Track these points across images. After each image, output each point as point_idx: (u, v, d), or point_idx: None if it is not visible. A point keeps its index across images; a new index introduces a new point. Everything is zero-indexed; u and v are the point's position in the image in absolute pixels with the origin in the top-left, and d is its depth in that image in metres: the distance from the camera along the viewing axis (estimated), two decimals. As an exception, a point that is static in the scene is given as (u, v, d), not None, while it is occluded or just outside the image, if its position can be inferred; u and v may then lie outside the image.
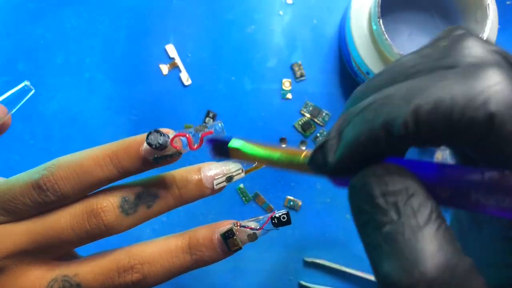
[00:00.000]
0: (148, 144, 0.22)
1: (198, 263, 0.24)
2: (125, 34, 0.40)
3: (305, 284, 0.39)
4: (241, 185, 0.40)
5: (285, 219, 0.25)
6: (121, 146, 0.23)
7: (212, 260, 0.24)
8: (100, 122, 0.40)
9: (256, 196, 0.39)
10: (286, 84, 0.40)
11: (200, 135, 0.22)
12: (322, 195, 0.40)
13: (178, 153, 0.23)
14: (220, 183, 0.24)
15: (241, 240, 0.24)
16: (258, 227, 0.24)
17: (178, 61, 0.40)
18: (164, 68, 0.40)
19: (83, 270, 0.23)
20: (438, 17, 0.37)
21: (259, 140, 0.21)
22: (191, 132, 0.23)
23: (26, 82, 0.25)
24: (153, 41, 0.40)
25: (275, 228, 0.24)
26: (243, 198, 0.40)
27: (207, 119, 0.40)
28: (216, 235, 0.24)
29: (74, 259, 0.25)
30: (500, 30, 0.35)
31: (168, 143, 0.22)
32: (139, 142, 0.23)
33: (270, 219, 0.24)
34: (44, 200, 0.23)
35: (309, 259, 0.39)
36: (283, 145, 0.22)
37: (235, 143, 0.22)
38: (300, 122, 0.40)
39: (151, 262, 0.24)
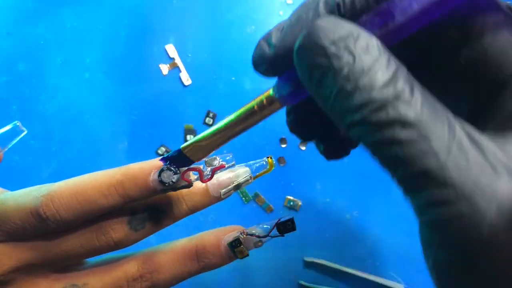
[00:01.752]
0: (161, 182, 0.21)
1: (205, 269, 0.24)
2: (125, 34, 0.40)
3: (305, 284, 0.39)
4: (241, 185, 0.40)
5: (290, 226, 0.24)
6: (127, 175, 0.22)
7: (218, 266, 0.25)
8: (100, 122, 0.40)
9: (256, 196, 0.40)
10: (286, 84, 0.40)
11: (212, 171, 0.22)
12: (322, 195, 0.40)
13: (189, 186, 0.22)
14: (227, 192, 0.24)
15: (247, 248, 0.24)
16: (263, 234, 0.24)
17: (178, 61, 0.40)
18: (164, 68, 0.40)
19: (93, 279, 0.23)
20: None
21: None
22: (203, 167, 0.22)
23: (17, 123, 0.24)
24: (153, 41, 0.40)
25: (281, 235, 0.24)
26: (243, 198, 0.40)
27: (207, 119, 0.40)
28: (223, 244, 0.24)
29: (82, 267, 0.25)
30: (500, 30, 0.35)
31: (180, 179, 0.22)
32: (146, 171, 0.22)
33: (276, 226, 0.24)
34: (44, 228, 0.22)
35: (309, 259, 0.39)
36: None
37: (183, 145, 0.22)
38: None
39: (160, 270, 0.24)
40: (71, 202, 0.22)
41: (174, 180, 0.21)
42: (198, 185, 0.24)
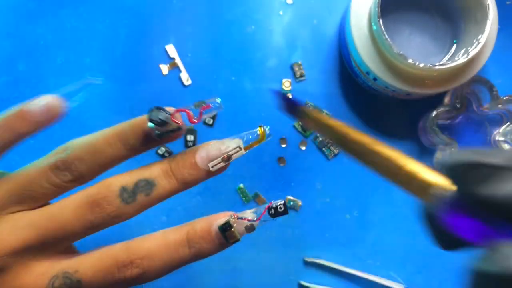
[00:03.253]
0: (150, 120, 0.23)
1: (197, 256, 0.24)
2: (125, 34, 0.40)
3: (305, 284, 0.39)
4: (241, 185, 0.40)
5: (282, 209, 0.24)
6: (127, 125, 0.24)
7: (210, 253, 0.24)
8: (100, 122, 0.40)
9: (256, 196, 0.40)
10: (286, 84, 0.40)
11: (199, 110, 0.23)
12: (322, 195, 0.40)
13: (179, 128, 0.23)
14: (216, 164, 0.24)
15: (239, 232, 0.24)
16: (255, 218, 0.24)
17: (178, 61, 0.40)
18: (164, 68, 0.40)
19: (83, 266, 0.24)
20: (438, 17, 0.37)
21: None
22: (190, 108, 0.23)
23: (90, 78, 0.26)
24: (153, 41, 0.40)
25: (272, 218, 0.24)
26: (243, 198, 0.40)
27: (208, 119, 0.40)
28: (214, 228, 0.24)
29: (74, 255, 0.25)
30: (500, 30, 0.35)
31: (169, 119, 0.23)
32: (144, 120, 0.24)
33: (267, 210, 0.24)
34: (61, 180, 0.24)
35: (309, 259, 0.39)
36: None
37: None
38: (300, 122, 0.40)
39: (150, 256, 0.24)
40: (83, 153, 0.24)
41: (161, 118, 0.22)
42: (187, 160, 0.24)
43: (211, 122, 0.40)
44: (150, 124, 0.23)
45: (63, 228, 0.23)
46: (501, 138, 0.38)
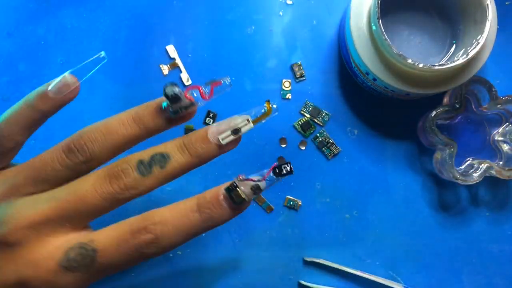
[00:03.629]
0: (165, 95, 0.24)
1: (208, 222, 0.25)
2: (126, 35, 0.41)
3: (305, 284, 0.39)
4: (241, 185, 0.40)
5: (287, 169, 0.25)
6: (142, 107, 0.25)
7: (220, 218, 0.25)
8: (101, 122, 0.40)
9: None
10: (286, 84, 0.40)
11: (210, 87, 0.24)
12: (322, 195, 0.40)
13: (192, 104, 0.25)
14: (226, 137, 0.25)
15: (245, 193, 0.25)
16: (259, 178, 0.25)
17: (178, 61, 0.40)
18: (165, 69, 0.40)
19: (98, 236, 0.25)
20: (438, 17, 0.37)
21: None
22: (202, 86, 0.25)
23: (102, 53, 0.28)
24: (153, 41, 0.40)
25: (277, 178, 0.25)
26: (243, 198, 0.40)
27: (208, 119, 0.40)
28: (221, 191, 0.25)
29: (91, 230, 0.26)
30: (499, 31, 0.35)
31: (183, 94, 0.24)
32: (158, 101, 0.25)
33: (272, 170, 0.25)
34: (73, 161, 0.24)
35: (309, 259, 0.39)
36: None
37: None
38: (300, 122, 0.40)
39: (163, 222, 0.24)
40: (96, 135, 0.24)
41: (175, 92, 0.23)
42: (198, 134, 0.25)
43: (211, 122, 0.40)
44: (164, 103, 0.24)
45: (83, 200, 0.24)
46: (500, 138, 0.38)
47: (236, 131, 0.25)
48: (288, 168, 0.25)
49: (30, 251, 0.24)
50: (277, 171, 0.24)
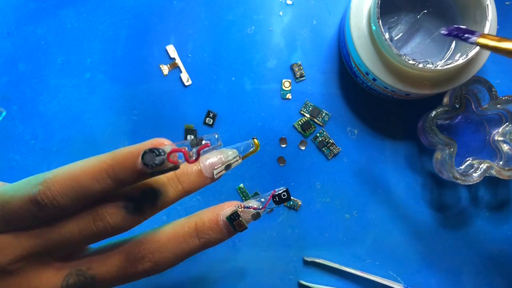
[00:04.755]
0: (144, 164, 0.21)
1: (206, 245, 0.25)
2: (126, 35, 0.41)
3: (305, 284, 0.39)
4: (241, 185, 0.40)
5: (285, 197, 0.25)
6: (116, 159, 0.22)
7: (219, 241, 0.25)
8: (101, 122, 0.40)
9: (256, 195, 0.40)
10: (286, 84, 0.40)
11: (197, 149, 0.22)
12: (322, 195, 0.40)
13: (175, 168, 0.22)
14: (219, 172, 0.25)
15: (246, 221, 0.25)
16: (260, 207, 0.25)
17: (178, 61, 0.40)
18: (165, 69, 0.40)
19: (96, 264, 0.24)
20: (437, 17, 0.37)
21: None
22: (187, 146, 0.22)
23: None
24: (153, 41, 0.40)
25: (277, 205, 0.25)
26: (243, 198, 0.40)
27: (208, 119, 0.40)
28: (222, 218, 0.25)
29: (85, 252, 0.26)
30: (499, 31, 0.35)
31: (165, 160, 0.21)
32: (134, 155, 0.22)
33: (271, 198, 0.25)
34: (44, 214, 0.23)
35: (309, 259, 0.39)
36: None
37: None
38: (300, 122, 0.40)
39: (161, 250, 0.24)
40: (66, 188, 0.22)
41: (156, 162, 0.21)
42: (192, 167, 0.24)
43: (211, 122, 0.40)
44: (143, 164, 0.21)
45: (68, 239, 0.23)
46: (500, 138, 0.38)
47: (228, 166, 0.25)
48: (286, 196, 0.25)
49: (28, 280, 0.24)
50: (277, 199, 0.25)
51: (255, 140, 0.26)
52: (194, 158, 0.22)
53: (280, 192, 0.25)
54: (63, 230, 0.23)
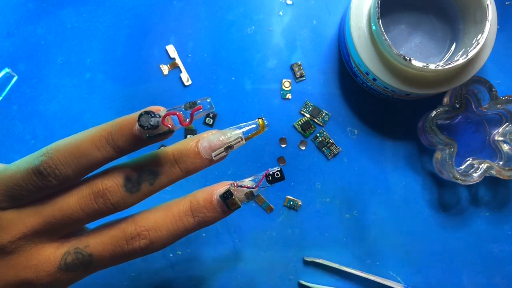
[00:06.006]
0: (140, 126, 0.22)
1: (201, 224, 0.25)
2: (126, 35, 0.41)
3: (305, 284, 0.39)
4: (241, 185, 0.40)
5: (278, 176, 0.25)
6: (115, 126, 0.24)
7: (214, 220, 0.25)
8: (101, 122, 0.40)
9: (256, 195, 0.40)
10: (286, 84, 0.40)
11: (190, 112, 0.23)
12: (322, 195, 0.40)
13: (170, 131, 0.23)
14: (218, 154, 0.25)
15: (239, 199, 0.25)
16: (254, 186, 0.25)
17: (178, 61, 0.40)
18: (165, 69, 0.40)
19: (93, 241, 0.25)
20: (438, 17, 0.37)
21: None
22: (181, 110, 0.23)
23: (7, 69, 0.26)
24: (153, 41, 0.40)
25: (270, 185, 0.25)
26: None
27: (207, 119, 0.40)
28: (215, 197, 0.25)
29: (83, 232, 0.26)
30: (499, 31, 0.35)
31: (160, 122, 0.22)
32: (131, 121, 0.23)
33: (264, 177, 0.25)
34: (46, 185, 0.23)
35: (309, 259, 0.39)
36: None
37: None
38: (300, 122, 0.40)
39: (157, 227, 0.25)
40: (68, 157, 0.23)
41: (152, 123, 0.22)
42: (190, 149, 0.24)
43: (211, 122, 0.40)
44: (140, 127, 0.22)
45: (69, 216, 0.24)
46: (500, 138, 0.38)
47: (228, 147, 0.25)
48: (279, 175, 0.25)
49: (27, 259, 0.24)
50: (270, 178, 0.25)
51: (260, 120, 0.25)
52: (187, 121, 0.23)
53: (274, 171, 0.25)
54: (65, 206, 0.24)
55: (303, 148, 0.40)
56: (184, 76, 0.40)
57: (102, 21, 0.41)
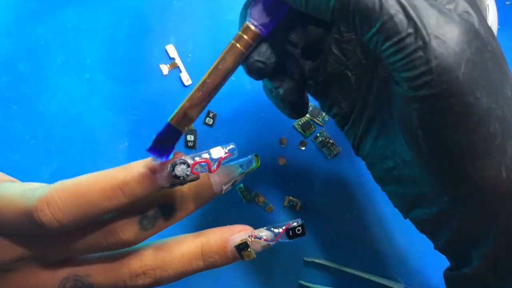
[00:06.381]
0: (175, 177, 0.21)
1: (209, 267, 0.25)
2: (126, 34, 0.41)
3: (305, 284, 0.39)
4: (241, 185, 0.40)
5: (300, 232, 0.24)
6: (131, 175, 0.21)
7: (222, 265, 0.25)
8: (101, 122, 0.40)
9: (256, 196, 0.40)
10: (286, 84, 0.40)
11: (218, 161, 0.23)
12: (322, 195, 0.40)
13: (196, 178, 0.22)
14: (227, 187, 0.25)
15: (255, 251, 0.24)
16: (271, 238, 0.24)
17: (178, 61, 0.40)
18: (165, 69, 0.40)
19: (95, 271, 0.24)
20: (438, 17, 0.37)
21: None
22: (208, 155, 0.23)
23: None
24: (153, 41, 0.40)
25: (290, 240, 0.24)
26: (243, 198, 0.40)
27: (207, 119, 0.40)
28: (230, 245, 0.24)
29: (85, 258, 0.25)
30: (500, 31, 0.35)
31: (190, 171, 0.22)
32: (152, 169, 0.21)
33: (285, 231, 0.24)
34: (41, 232, 0.21)
35: (309, 259, 0.39)
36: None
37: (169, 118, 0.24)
38: (300, 122, 0.40)
39: (163, 267, 0.24)
40: (70, 206, 0.20)
41: (188, 173, 0.21)
42: (203, 184, 0.24)
43: (211, 122, 0.40)
44: (173, 176, 0.21)
45: (74, 248, 0.23)
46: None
47: (234, 182, 0.25)
48: (301, 230, 0.24)
49: (25, 279, 0.23)
50: (291, 233, 0.24)
51: (256, 156, 0.26)
52: (214, 168, 0.22)
53: (294, 226, 0.24)
54: (67, 243, 0.23)
55: (303, 148, 0.40)
56: (184, 76, 0.40)
57: (102, 21, 0.41)
